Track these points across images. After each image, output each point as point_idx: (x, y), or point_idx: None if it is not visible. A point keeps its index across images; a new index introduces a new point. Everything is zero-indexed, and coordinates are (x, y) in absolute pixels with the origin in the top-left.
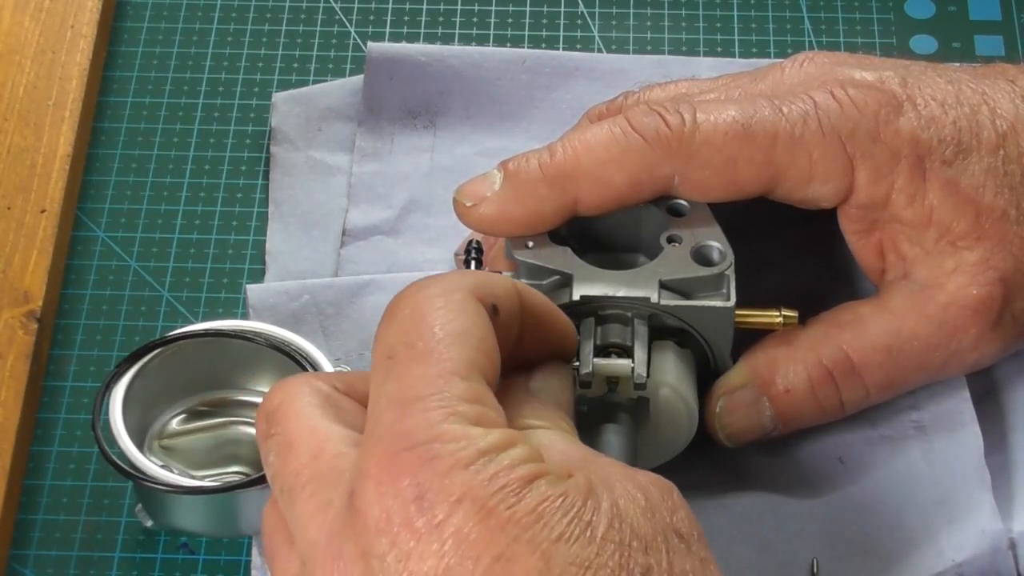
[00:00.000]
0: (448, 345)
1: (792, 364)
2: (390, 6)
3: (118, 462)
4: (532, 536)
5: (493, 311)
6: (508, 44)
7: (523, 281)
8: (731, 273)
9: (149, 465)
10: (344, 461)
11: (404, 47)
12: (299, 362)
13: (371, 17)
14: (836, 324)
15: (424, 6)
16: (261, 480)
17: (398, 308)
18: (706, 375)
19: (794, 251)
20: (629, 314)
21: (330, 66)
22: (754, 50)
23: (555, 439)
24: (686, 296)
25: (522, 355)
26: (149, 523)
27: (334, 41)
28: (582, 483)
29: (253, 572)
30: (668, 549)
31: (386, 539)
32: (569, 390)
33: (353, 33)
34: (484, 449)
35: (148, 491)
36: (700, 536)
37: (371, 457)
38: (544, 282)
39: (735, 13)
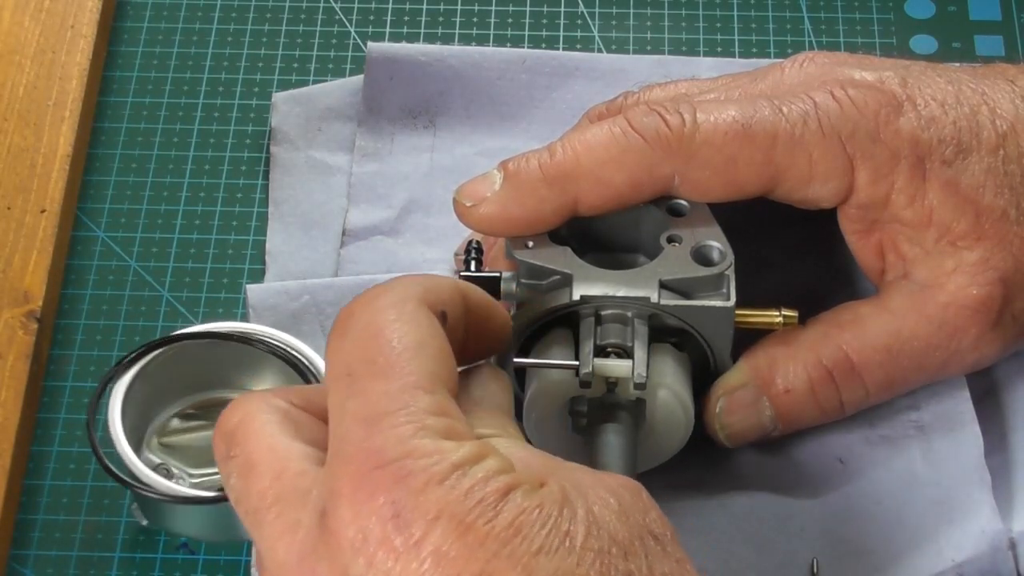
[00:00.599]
0: (408, 359)
1: (792, 364)
2: (390, 6)
3: (113, 469)
4: (512, 551)
5: (443, 318)
6: (508, 44)
7: (523, 281)
8: (731, 273)
9: (144, 470)
10: (307, 480)
11: (404, 47)
12: (297, 366)
13: (371, 17)
14: (836, 324)
15: (424, 6)
16: None
17: (349, 322)
18: (706, 375)
19: (794, 251)
20: (629, 314)
21: (330, 66)
22: (754, 50)
23: (512, 447)
24: (686, 296)
25: (463, 356)
26: (145, 522)
27: (334, 41)
28: (556, 492)
29: (253, 572)
30: (646, 553)
31: (363, 559)
32: (508, 392)
33: (353, 33)
34: (457, 463)
35: (143, 497)
36: (673, 536)
37: (342, 476)
38: (544, 282)
39: (735, 13)
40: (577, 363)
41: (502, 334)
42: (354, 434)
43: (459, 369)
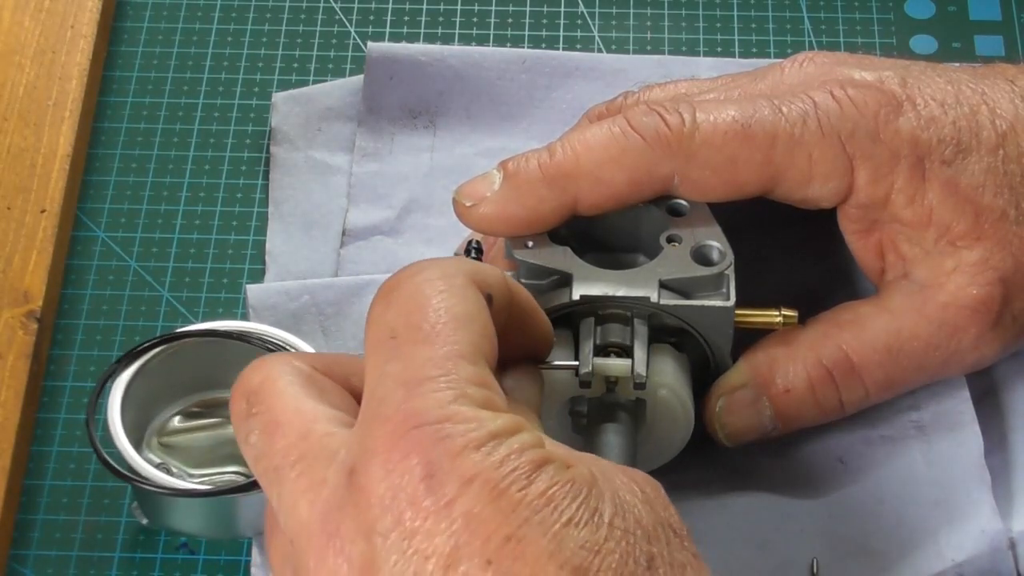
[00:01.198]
0: (454, 328)
1: (792, 364)
2: (390, 6)
3: (112, 463)
4: (543, 519)
5: (489, 301)
6: (508, 44)
7: (523, 281)
8: (731, 273)
9: (144, 466)
10: (334, 440)
11: (404, 47)
12: None
13: (371, 17)
14: (836, 324)
15: (424, 6)
16: (255, 484)
17: (396, 289)
18: (706, 375)
19: (794, 251)
20: (629, 314)
21: (330, 66)
22: (754, 50)
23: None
24: (686, 296)
25: (501, 351)
26: (145, 521)
27: (334, 41)
28: (586, 472)
29: (253, 571)
30: (667, 541)
31: (391, 516)
32: (539, 393)
33: (353, 33)
34: (495, 432)
35: (143, 492)
36: (689, 534)
37: (378, 435)
38: (544, 282)
39: (735, 13)
40: (576, 363)
41: (542, 341)
42: (394, 395)
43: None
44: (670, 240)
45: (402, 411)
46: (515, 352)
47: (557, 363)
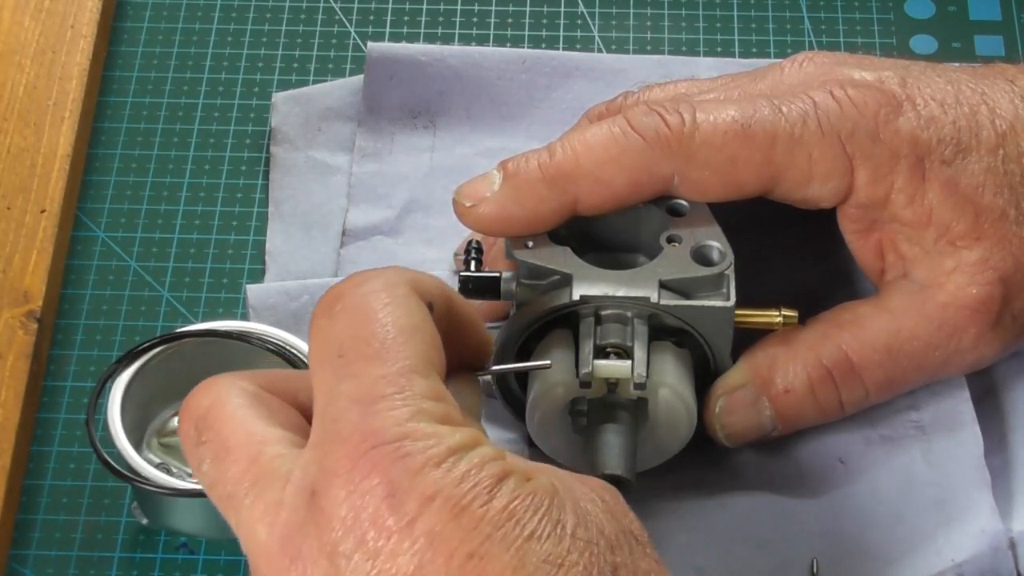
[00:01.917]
0: (403, 342)
1: (792, 364)
2: (390, 6)
3: (112, 463)
4: (505, 534)
5: (429, 308)
6: (508, 44)
7: (523, 281)
8: (731, 273)
9: (144, 466)
10: (285, 463)
11: (404, 47)
12: (296, 364)
13: (371, 17)
14: (836, 324)
15: (424, 6)
16: None
17: (340, 302)
18: (706, 375)
19: (794, 251)
20: (629, 314)
21: (330, 66)
22: (754, 50)
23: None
24: (686, 296)
25: None
26: (145, 521)
27: (334, 41)
28: (547, 484)
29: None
30: (630, 549)
31: (353, 537)
32: (479, 400)
33: (353, 33)
34: (453, 447)
35: (143, 491)
36: (648, 540)
37: (337, 455)
38: (544, 282)
39: (735, 13)
40: (547, 363)
41: (480, 351)
42: (350, 415)
43: None
44: (670, 240)
45: (359, 431)
46: (453, 361)
47: (526, 364)
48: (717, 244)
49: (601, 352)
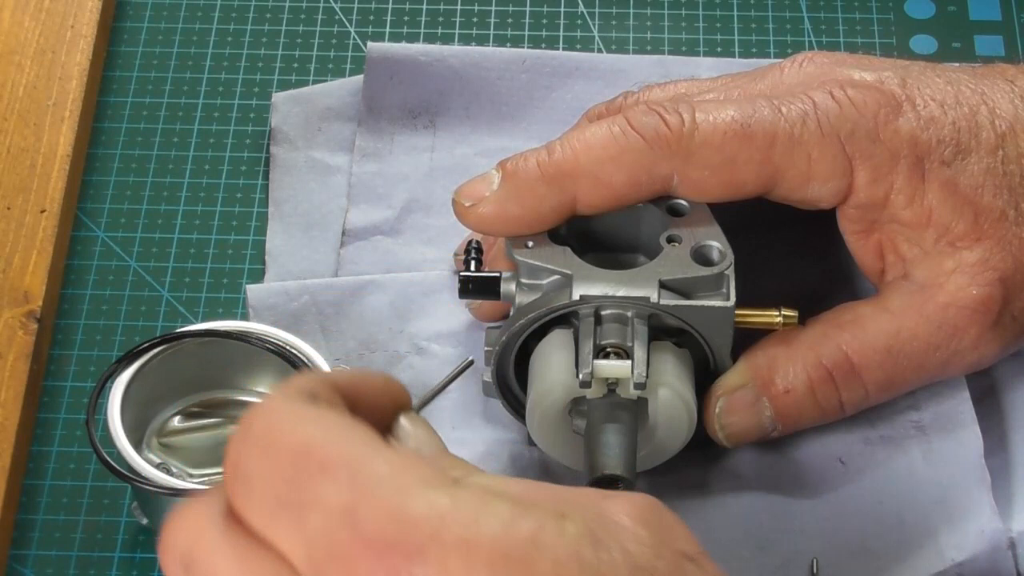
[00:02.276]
0: (361, 455)
1: (792, 364)
2: (390, 6)
3: (112, 463)
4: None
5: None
6: (508, 44)
7: (523, 281)
8: (731, 273)
9: (144, 466)
10: None
11: (404, 47)
12: (296, 364)
13: (371, 17)
14: (836, 324)
15: (424, 6)
16: None
17: (263, 458)
18: (706, 375)
19: (794, 251)
20: (629, 314)
21: (330, 66)
22: (754, 50)
23: (495, 481)
24: (686, 296)
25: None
26: (145, 521)
27: (334, 41)
28: (585, 532)
29: None
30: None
31: None
32: (433, 431)
33: (353, 33)
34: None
35: (143, 491)
36: (703, 551)
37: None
38: (544, 282)
39: (735, 13)
40: (470, 359)
41: (394, 396)
42: (341, 535)
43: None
44: (670, 240)
45: (360, 541)
46: (386, 416)
47: (434, 389)
48: (717, 244)
49: (601, 352)
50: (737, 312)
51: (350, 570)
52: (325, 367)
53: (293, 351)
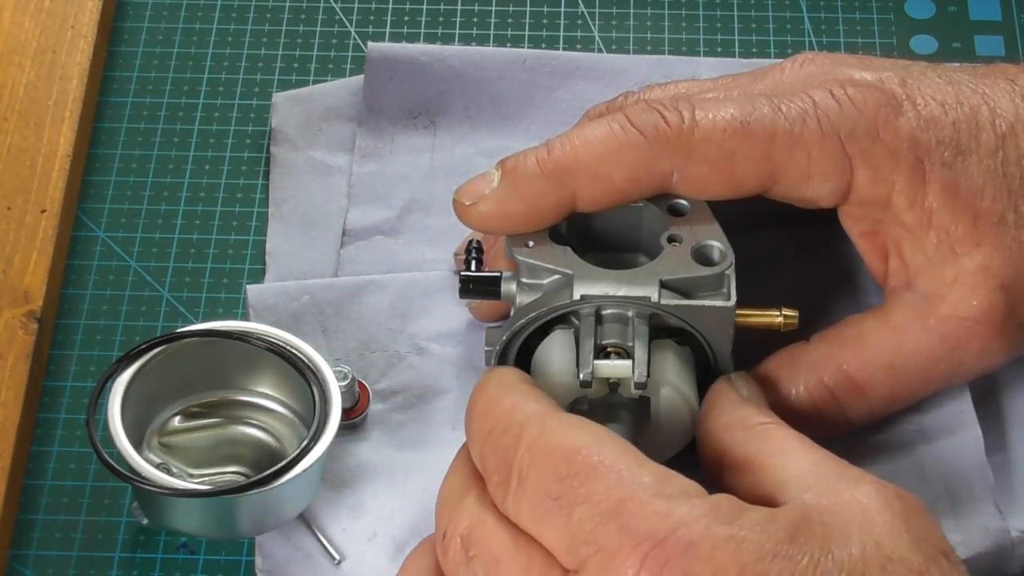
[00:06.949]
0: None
1: (794, 385)
2: (390, 6)
3: (112, 463)
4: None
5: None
6: (508, 44)
7: (523, 281)
8: (731, 273)
9: (144, 466)
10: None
11: (404, 47)
12: (296, 364)
13: (371, 17)
14: (839, 342)
15: (424, 6)
16: (255, 484)
17: (525, 456)
18: (706, 375)
19: (794, 251)
20: (629, 313)
21: (330, 66)
22: (754, 50)
23: (793, 442)
24: (686, 296)
25: None
26: (145, 521)
27: (334, 41)
28: (841, 516)
29: (258, 574)
30: (940, 573)
31: None
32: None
33: (353, 33)
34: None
35: (143, 491)
36: (953, 550)
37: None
38: (544, 281)
39: (735, 13)
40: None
41: None
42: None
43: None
44: (671, 240)
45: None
46: None
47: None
48: (718, 244)
49: (602, 352)
50: (738, 312)
51: (612, 561)
52: (326, 368)
53: (293, 351)
